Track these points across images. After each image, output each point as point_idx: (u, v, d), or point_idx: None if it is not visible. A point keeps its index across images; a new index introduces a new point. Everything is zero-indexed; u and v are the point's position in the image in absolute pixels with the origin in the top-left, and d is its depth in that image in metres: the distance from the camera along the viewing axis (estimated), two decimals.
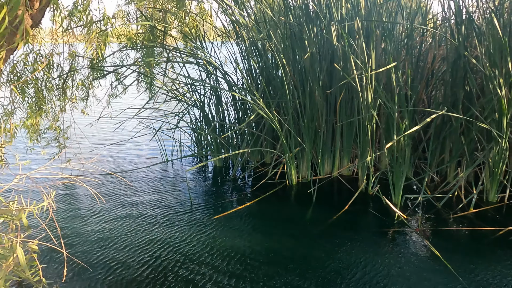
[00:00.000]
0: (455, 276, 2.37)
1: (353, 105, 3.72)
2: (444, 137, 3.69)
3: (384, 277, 2.39)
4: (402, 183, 3.32)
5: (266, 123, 4.04)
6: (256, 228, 3.01)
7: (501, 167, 3.23)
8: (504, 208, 3.23)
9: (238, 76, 4.37)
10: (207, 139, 4.58)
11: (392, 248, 2.70)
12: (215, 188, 3.84)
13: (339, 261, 2.56)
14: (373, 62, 3.32)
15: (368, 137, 3.49)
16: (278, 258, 2.61)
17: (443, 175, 3.82)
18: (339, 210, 3.24)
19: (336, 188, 3.78)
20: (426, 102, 4.24)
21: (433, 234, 2.87)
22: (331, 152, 3.95)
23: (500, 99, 3.08)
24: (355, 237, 2.85)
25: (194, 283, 2.36)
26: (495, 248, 2.67)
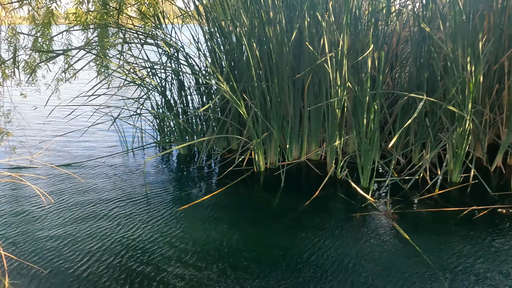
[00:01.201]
0: (423, 258, 2.38)
1: (321, 88, 3.65)
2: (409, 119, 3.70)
3: (354, 261, 2.35)
4: (370, 167, 3.31)
5: (232, 108, 3.88)
6: (223, 218, 2.89)
7: (464, 148, 3.29)
8: (467, 188, 3.30)
9: (201, 59, 4.16)
10: (170, 126, 4.36)
11: (362, 232, 2.68)
12: (180, 178, 3.67)
13: (309, 248, 2.50)
14: (346, 44, 3.23)
15: (337, 121, 3.43)
16: (247, 248, 2.51)
17: (409, 157, 3.86)
18: (309, 195, 3.19)
19: (305, 173, 3.72)
20: (391, 85, 4.26)
21: (401, 216, 2.88)
22: (299, 137, 3.87)
23: (464, 81, 3.11)
24: (325, 223, 2.80)
25: (159, 280, 2.21)
26: (460, 228, 2.71)
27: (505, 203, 3.03)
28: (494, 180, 3.46)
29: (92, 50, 3.76)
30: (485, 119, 3.75)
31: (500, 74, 3.72)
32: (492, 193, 3.18)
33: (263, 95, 3.64)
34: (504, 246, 2.49)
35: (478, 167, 3.61)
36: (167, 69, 4.14)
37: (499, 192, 3.21)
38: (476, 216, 2.86)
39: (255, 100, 3.55)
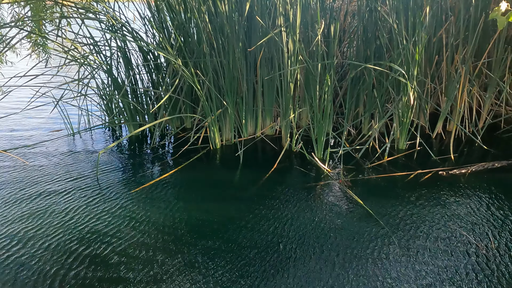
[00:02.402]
0: (377, 220, 2.52)
1: (273, 63, 3.65)
2: (359, 91, 3.84)
3: (313, 228, 2.44)
4: (323, 139, 3.41)
5: (184, 86, 3.78)
6: (181, 198, 2.85)
7: (409, 117, 3.49)
8: (413, 154, 3.52)
9: (149, 35, 3.98)
10: (119, 106, 4.17)
11: (318, 201, 2.77)
12: (132, 160, 3.54)
13: (270, 219, 2.55)
14: (298, 18, 3.23)
15: (290, 95, 3.47)
16: (205, 226, 2.50)
17: (359, 128, 4.02)
18: (266, 170, 3.23)
19: (261, 148, 3.75)
20: (340, 58, 4.36)
21: (354, 183, 3.02)
22: (254, 112, 3.87)
23: (408, 52, 3.26)
24: (283, 195, 2.86)
25: (117, 264, 2.15)
26: (407, 191, 2.90)
27: (445, 166, 3.27)
28: (436, 146, 3.71)
29: (26, 27, 3.45)
30: (427, 88, 3.98)
31: (439, 46, 3.94)
32: (434, 158, 3.41)
33: (215, 71, 3.58)
34: (446, 204, 2.70)
35: (422, 134, 3.86)
36: (112, 46, 3.92)
37: (440, 156, 3.46)
38: (421, 179, 3.06)
39: (208, 76, 3.48)
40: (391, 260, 2.16)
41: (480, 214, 2.58)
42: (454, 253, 2.22)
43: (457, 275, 2.05)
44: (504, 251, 2.22)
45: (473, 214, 2.58)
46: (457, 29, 3.72)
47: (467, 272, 2.07)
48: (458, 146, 3.69)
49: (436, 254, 2.20)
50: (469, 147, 3.66)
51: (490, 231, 2.40)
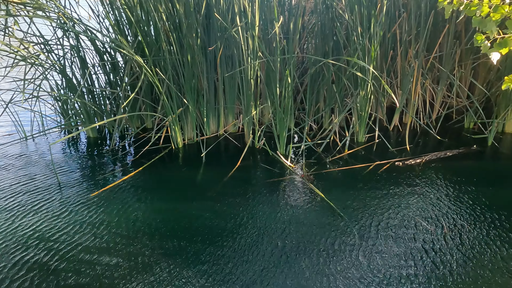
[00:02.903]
0: (337, 212, 2.58)
1: (233, 60, 3.64)
2: (319, 87, 3.91)
3: (277, 222, 2.46)
4: (285, 134, 3.45)
5: (143, 85, 3.69)
6: (141, 199, 2.78)
7: (367, 111, 3.59)
8: (371, 146, 3.63)
9: (105, 33, 3.84)
10: (75, 108, 4.00)
11: (282, 196, 2.80)
12: (91, 162, 3.42)
13: (234, 216, 2.55)
14: (257, 15, 3.24)
15: (251, 92, 3.48)
16: (167, 227, 2.46)
17: (320, 122, 4.10)
18: (230, 168, 3.22)
19: (224, 146, 3.73)
20: (300, 55, 4.42)
21: (316, 177, 3.07)
22: (215, 110, 3.85)
23: (364, 48, 3.36)
24: (247, 192, 2.87)
25: (76, 272, 2.07)
26: (366, 182, 2.99)
27: (402, 157, 3.40)
28: (393, 138, 3.85)
29: None
30: (383, 83, 4.11)
31: (393, 42, 4.09)
32: (392, 149, 3.54)
33: (175, 69, 3.52)
34: (402, 193, 2.81)
35: (380, 127, 3.98)
36: (65, 45, 3.75)
37: (397, 147, 3.59)
38: (379, 170, 3.16)
39: (167, 74, 3.41)
40: (349, 250, 2.22)
41: (433, 201, 2.71)
42: (409, 239, 2.31)
43: (412, 260, 2.14)
44: (455, 235, 2.34)
45: (427, 201, 2.70)
46: (410, 25, 3.87)
47: (422, 256, 2.17)
48: (414, 137, 3.85)
49: (393, 242, 2.29)
50: (424, 138, 3.83)
51: (443, 217, 2.52)
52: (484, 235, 2.34)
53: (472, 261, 2.12)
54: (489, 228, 2.40)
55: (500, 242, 2.27)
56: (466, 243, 2.27)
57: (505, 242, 2.27)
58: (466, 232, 2.36)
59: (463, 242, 2.27)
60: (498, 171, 3.19)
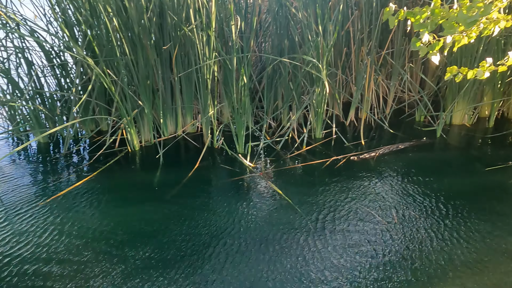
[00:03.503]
0: (295, 208, 2.62)
1: (189, 59, 3.59)
2: (276, 85, 3.95)
3: (234, 223, 2.46)
4: (244, 133, 3.45)
5: (95, 87, 3.56)
6: (96, 205, 2.69)
7: (323, 107, 3.67)
8: (329, 142, 3.71)
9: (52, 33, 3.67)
10: (23, 113, 3.80)
11: (240, 196, 2.80)
12: (43, 168, 3.27)
13: (191, 220, 2.52)
14: (214, 14, 3.21)
15: (208, 91, 3.45)
16: (122, 233, 2.40)
17: (279, 120, 4.14)
18: (189, 169, 3.18)
19: (183, 147, 3.68)
20: (257, 53, 4.43)
21: (275, 174, 3.10)
22: (173, 110, 3.79)
23: (318, 45, 3.42)
24: (207, 192, 2.85)
25: (14, 286, 1.97)
26: (324, 177, 3.05)
27: (358, 151, 3.50)
28: (349, 133, 3.96)
29: None
30: (339, 80, 4.22)
31: (348, 39, 4.20)
32: (347, 144, 3.64)
33: (128, 69, 3.42)
34: (356, 187, 2.89)
35: (337, 122, 4.08)
36: (9, 46, 3.55)
37: (353, 142, 3.70)
38: (336, 165, 3.24)
39: (120, 75, 3.32)
40: (306, 245, 2.26)
41: (386, 193, 2.81)
42: (362, 232, 2.38)
43: (365, 252, 2.21)
44: (405, 225, 2.44)
45: (381, 193, 2.80)
46: (362, 23, 3.98)
47: (375, 248, 2.24)
48: (369, 131, 3.97)
49: (347, 235, 2.35)
50: (379, 132, 3.96)
51: (394, 208, 2.63)
52: (432, 223, 2.46)
53: (421, 249, 2.22)
54: (437, 216, 2.52)
55: (447, 230, 2.39)
56: (415, 232, 2.37)
57: (452, 229, 2.40)
58: (415, 221, 2.47)
59: (412, 231, 2.38)
60: (445, 161, 3.37)
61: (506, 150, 3.51)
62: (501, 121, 4.17)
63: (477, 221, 2.47)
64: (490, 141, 3.71)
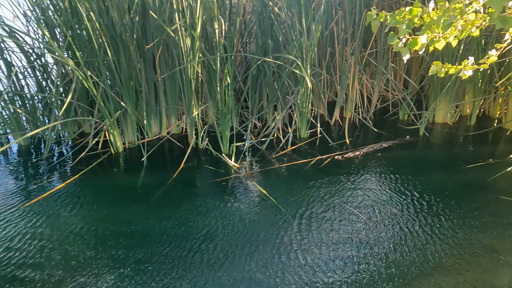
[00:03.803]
0: (279, 208, 2.62)
1: (173, 59, 3.56)
2: (261, 85, 3.95)
3: (220, 224, 2.45)
4: (228, 133, 3.44)
5: (77, 88, 3.51)
6: (78, 208, 2.65)
7: (307, 107, 3.68)
8: (314, 141, 3.73)
9: (32, 34, 3.61)
10: (2, 115, 3.72)
11: (225, 197, 2.79)
12: (24, 171, 3.20)
13: (175, 222, 2.50)
14: (199, 12, 3.18)
15: (192, 91, 3.43)
16: (106, 237, 2.37)
17: (264, 120, 4.14)
18: (173, 170, 3.16)
19: (167, 148, 3.66)
20: (242, 53, 4.43)
21: (260, 175, 3.10)
22: (157, 111, 3.76)
23: (301, 45, 3.43)
24: (190, 195, 2.83)
25: None
26: (308, 177, 3.06)
27: (342, 150, 3.52)
28: (334, 132, 3.98)
29: None
30: (323, 79, 4.23)
31: (332, 39, 4.22)
32: (332, 143, 3.66)
33: (110, 70, 3.38)
34: (340, 186, 2.91)
35: (322, 122, 4.11)
36: None
37: (338, 141, 3.72)
38: (321, 165, 3.26)
39: (102, 76, 3.27)
40: (289, 244, 2.27)
41: (369, 191, 2.83)
42: (346, 231, 2.40)
43: (348, 251, 2.22)
44: (388, 223, 2.47)
45: (364, 192, 2.82)
46: (346, 23, 4.01)
47: (358, 247, 2.26)
48: (353, 131, 4.00)
49: (331, 234, 2.36)
50: (363, 131, 3.99)
51: (377, 206, 2.65)
52: (414, 221, 2.48)
53: (403, 247, 2.25)
54: (419, 214, 2.55)
55: (428, 227, 2.42)
56: (398, 230, 2.40)
57: (433, 227, 2.43)
58: (397, 219, 2.50)
59: (395, 229, 2.40)
60: (427, 159, 3.41)
61: (487, 148, 3.57)
62: (482, 119, 4.25)
63: (458, 218, 2.51)
64: (472, 138, 3.77)
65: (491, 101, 4.26)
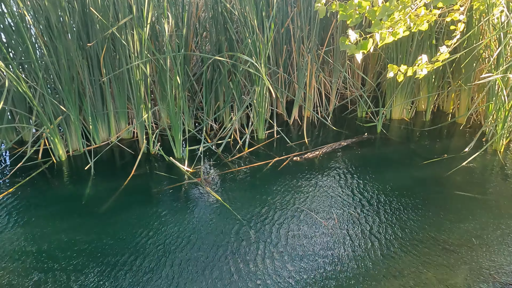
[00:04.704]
0: (235, 215, 2.48)
1: (120, 59, 3.33)
2: (216, 85, 3.79)
3: (170, 235, 2.28)
4: (181, 137, 3.26)
5: (10, 92, 3.19)
6: (17, 223, 2.39)
7: (264, 106, 3.57)
8: (272, 142, 3.62)
9: None
10: None
11: (177, 205, 2.62)
12: None
13: (125, 234, 2.30)
14: (150, 9, 2.97)
15: (141, 93, 3.22)
16: (54, 252, 2.14)
17: (221, 121, 3.98)
18: (123, 179, 2.94)
19: (117, 154, 3.42)
20: (196, 51, 4.25)
21: (214, 180, 2.95)
22: (105, 115, 3.50)
23: (255, 43, 3.31)
24: (141, 205, 2.64)
25: None
26: (264, 180, 2.94)
27: (302, 150, 3.44)
28: (293, 132, 3.89)
29: None
30: (281, 78, 4.13)
31: (288, 37, 4.13)
32: (291, 144, 3.56)
33: (49, 72, 3.10)
34: (299, 189, 2.82)
35: (281, 122, 4.01)
36: None
37: (297, 141, 3.63)
38: (279, 167, 3.15)
39: (39, 79, 2.99)
40: (246, 253, 2.13)
41: (327, 193, 2.75)
42: (303, 236, 2.30)
43: (305, 258, 2.12)
44: (345, 225, 2.39)
45: (322, 194, 2.74)
46: (302, 20, 3.93)
47: (315, 252, 2.16)
48: (312, 130, 3.93)
49: (288, 240, 2.25)
50: (323, 130, 3.93)
51: (335, 208, 2.57)
52: (370, 220, 2.43)
53: (360, 248, 2.18)
54: (375, 213, 2.50)
55: (384, 226, 2.37)
56: (355, 231, 2.32)
57: (390, 225, 2.38)
58: (355, 220, 2.43)
59: (352, 231, 2.33)
60: (385, 157, 3.40)
61: (442, 143, 3.61)
62: (437, 114, 4.31)
63: (415, 217, 2.48)
64: (427, 134, 3.81)
65: (444, 96, 4.34)
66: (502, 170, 3.09)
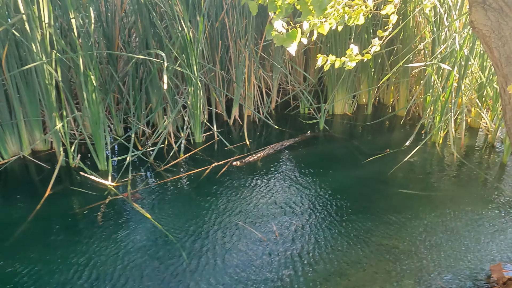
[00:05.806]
0: (164, 233, 2.20)
1: (26, 60, 2.87)
2: (147, 85, 3.43)
3: (87, 268, 1.94)
4: (104, 146, 2.88)
5: None
6: None
7: (199, 108, 3.28)
8: (211, 146, 3.34)
9: None
10: None
11: (97, 228, 2.27)
12: None
13: (36, 267, 1.92)
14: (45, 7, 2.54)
15: (52, 99, 2.79)
16: None
17: (154, 125, 3.63)
18: (37, 199, 2.51)
19: (32, 170, 2.96)
20: (124, 49, 3.84)
21: (143, 194, 2.62)
22: (13, 125, 3.02)
23: (185, 39, 3.00)
24: (56, 230, 2.26)
25: None
26: (200, 190, 2.67)
27: (243, 153, 3.20)
28: (234, 133, 3.65)
29: None
30: (218, 76, 3.86)
31: (224, 32, 3.85)
32: (230, 147, 3.31)
33: None
34: (238, 199, 2.58)
35: (221, 123, 3.75)
36: None
37: (238, 143, 3.38)
38: (218, 173, 2.89)
39: None
40: (178, 279, 1.86)
41: (267, 202, 2.54)
42: (241, 255, 2.07)
43: (246, 274, 1.89)
44: (286, 238, 2.20)
45: (262, 203, 2.52)
46: (237, 14, 3.67)
47: (256, 266, 1.94)
48: (254, 130, 3.71)
49: (224, 263, 2.01)
50: (265, 129, 3.73)
51: (276, 220, 2.36)
52: (313, 228, 2.25)
53: (302, 263, 1.99)
54: (318, 220, 2.33)
55: (328, 235, 2.21)
56: (296, 244, 2.13)
57: (333, 233, 2.22)
58: (296, 231, 2.24)
59: (293, 243, 2.14)
60: (327, 155, 3.26)
61: (384, 137, 3.56)
62: (378, 107, 4.29)
63: (357, 218, 2.35)
64: (370, 128, 3.74)
65: (384, 89, 4.32)
66: (441, 164, 3.07)
